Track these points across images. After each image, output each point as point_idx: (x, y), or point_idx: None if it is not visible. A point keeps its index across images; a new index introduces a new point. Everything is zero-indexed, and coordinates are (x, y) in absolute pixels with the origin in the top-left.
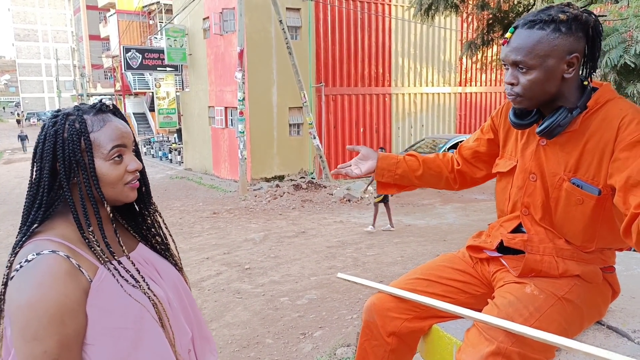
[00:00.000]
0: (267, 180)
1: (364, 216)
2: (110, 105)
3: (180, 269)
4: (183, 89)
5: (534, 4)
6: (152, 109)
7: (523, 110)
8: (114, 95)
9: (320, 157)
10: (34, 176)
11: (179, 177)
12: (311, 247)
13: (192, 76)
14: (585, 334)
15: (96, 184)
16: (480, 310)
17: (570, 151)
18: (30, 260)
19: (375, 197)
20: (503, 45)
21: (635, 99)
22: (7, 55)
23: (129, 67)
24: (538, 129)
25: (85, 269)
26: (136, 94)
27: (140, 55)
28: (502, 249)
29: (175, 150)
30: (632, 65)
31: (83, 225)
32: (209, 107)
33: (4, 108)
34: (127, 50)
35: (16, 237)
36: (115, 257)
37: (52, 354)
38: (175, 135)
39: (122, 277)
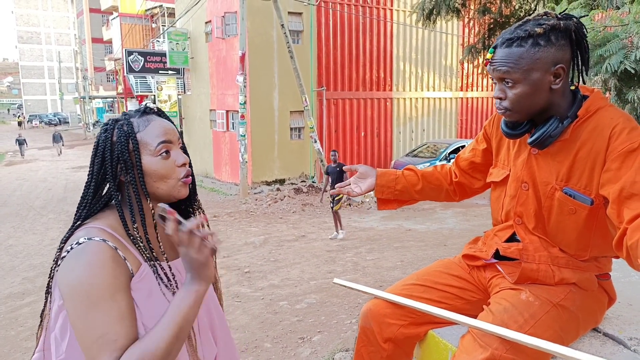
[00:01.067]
0: (268, 183)
1: (364, 220)
2: (155, 108)
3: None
4: (185, 92)
5: (535, 9)
6: None
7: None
8: (115, 97)
9: (321, 161)
10: (87, 178)
11: None
12: (311, 251)
13: (194, 79)
14: (582, 342)
15: (142, 181)
16: (475, 316)
17: (562, 160)
18: (81, 244)
19: (332, 205)
20: (486, 66)
21: (635, 104)
22: (10, 57)
23: (131, 70)
24: (529, 140)
25: (130, 263)
26: (138, 97)
27: (143, 58)
28: (498, 255)
29: None
30: (633, 71)
31: (128, 222)
32: (211, 110)
33: (8, 110)
34: (130, 53)
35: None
36: (167, 260)
37: (101, 326)
38: None
39: (162, 279)
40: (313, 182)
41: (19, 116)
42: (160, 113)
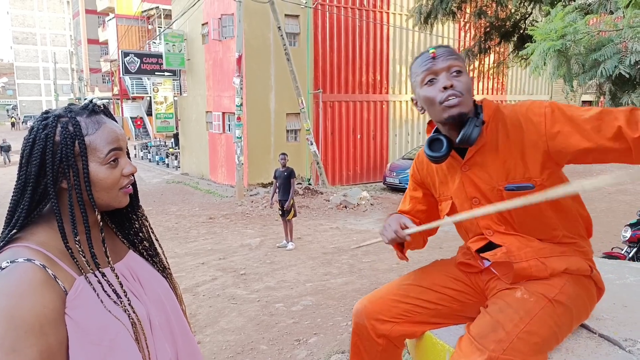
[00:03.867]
0: (264, 185)
1: (360, 222)
2: (102, 106)
3: (169, 274)
4: (181, 94)
5: (531, 13)
6: (149, 114)
7: (436, 143)
8: (111, 99)
9: (317, 163)
10: (19, 181)
11: (176, 182)
12: (307, 253)
13: (190, 81)
14: (577, 342)
15: (89, 189)
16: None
17: (491, 164)
18: (4, 269)
19: (282, 213)
20: (432, 59)
21: None
22: (5, 58)
23: (127, 71)
24: (458, 139)
25: (62, 280)
26: (134, 98)
27: (139, 60)
28: (488, 246)
29: (172, 154)
30: (627, 76)
31: (67, 233)
32: (207, 112)
33: (7, 111)
34: (126, 54)
35: None
36: (100, 269)
37: None
38: (173, 139)
39: (104, 291)
40: (309, 184)
41: (13, 117)
42: (107, 112)
